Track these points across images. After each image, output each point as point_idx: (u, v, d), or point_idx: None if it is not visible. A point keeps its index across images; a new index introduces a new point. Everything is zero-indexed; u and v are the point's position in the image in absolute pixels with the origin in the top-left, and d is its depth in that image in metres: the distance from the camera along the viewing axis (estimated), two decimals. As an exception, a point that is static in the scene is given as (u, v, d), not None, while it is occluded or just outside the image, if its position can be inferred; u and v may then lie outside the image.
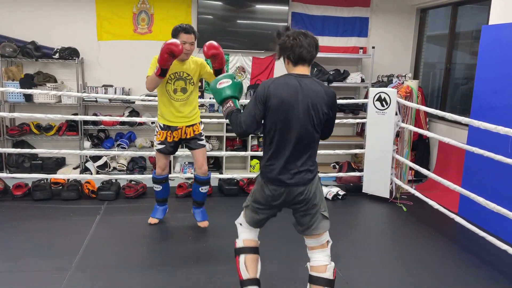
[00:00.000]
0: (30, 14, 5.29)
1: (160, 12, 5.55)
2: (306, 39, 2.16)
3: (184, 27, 3.27)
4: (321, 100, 2.15)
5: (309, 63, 2.21)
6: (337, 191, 4.67)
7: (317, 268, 2.32)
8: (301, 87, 2.14)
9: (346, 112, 5.75)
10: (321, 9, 5.89)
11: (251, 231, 2.48)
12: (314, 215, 2.28)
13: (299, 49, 2.15)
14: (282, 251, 3.36)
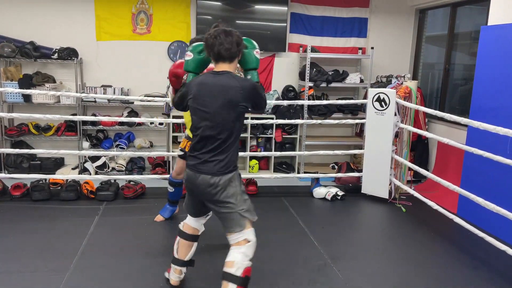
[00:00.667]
0: (29, 14, 5.28)
1: (159, 13, 5.54)
2: (227, 37, 2.27)
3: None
4: (236, 94, 2.27)
5: (230, 60, 2.32)
6: (336, 192, 4.67)
7: (226, 263, 2.34)
8: (215, 84, 2.28)
9: (345, 112, 5.75)
10: (320, 10, 5.89)
11: (191, 218, 2.66)
12: (230, 213, 2.33)
13: (218, 47, 2.27)
14: (280, 251, 3.36)
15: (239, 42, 2.33)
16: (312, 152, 5.08)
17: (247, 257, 2.33)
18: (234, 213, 2.33)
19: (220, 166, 2.31)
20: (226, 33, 2.28)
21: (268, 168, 5.75)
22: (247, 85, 2.31)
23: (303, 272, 3.06)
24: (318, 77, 5.66)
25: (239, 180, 2.42)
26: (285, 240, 3.58)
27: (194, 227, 2.65)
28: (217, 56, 2.30)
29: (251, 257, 2.36)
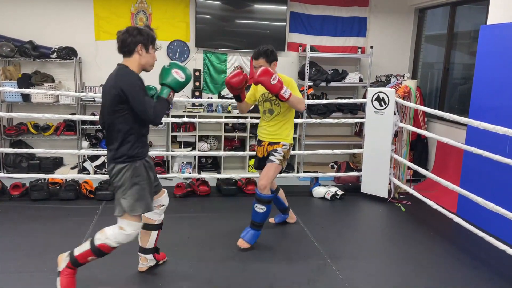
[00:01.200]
0: (27, 13, 5.27)
1: (158, 12, 5.53)
2: (122, 34, 2.49)
3: (253, 53, 3.33)
4: (110, 84, 2.43)
5: (125, 54, 2.51)
6: (335, 191, 4.67)
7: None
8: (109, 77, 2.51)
9: (344, 112, 5.75)
10: (320, 9, 5.88)
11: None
12: (116, 198, 2.53)
13: (117, 44, 2.51)
14: (280, 251, 3.36)
15: (122, 39, 2.50)
16: (312, 151, 5.08)
17: (114, 239, 2.48)
18: (119, 199, 2.52)
19: (112, 156, 2.51)
20: (123, 31, 2.51)
21: (267, 167, 5.73)
22: (119, 74, 2.46)
23: (303, 271, 3.06)
24: (317, 77, 5.66)
25: (133, 173, 2.49)
26: (285, 239, 3.58)
27: (147, 216, 2.78)
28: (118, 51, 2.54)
29: (118, 243, 2.50)
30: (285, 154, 3.39)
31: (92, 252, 2.50)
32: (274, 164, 3.32)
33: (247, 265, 3.12)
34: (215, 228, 3.76)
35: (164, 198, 2.87)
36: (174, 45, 5.61)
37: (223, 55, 5.74)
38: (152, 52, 2.59)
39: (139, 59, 2.52)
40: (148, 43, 2.54)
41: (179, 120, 4.78)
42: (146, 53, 2.53)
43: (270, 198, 3.32)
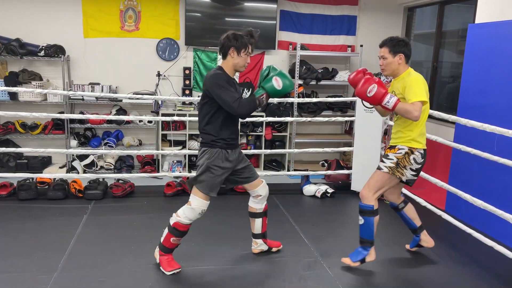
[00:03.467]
0: (14, 10, 5.19)
1: (148, 10, 5.50)
2: (222, 39, 2.89)
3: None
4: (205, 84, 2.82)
5: (222, 56, 2.86)
6: (325, 189, 4.69)
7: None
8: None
9: (334, 110, 5.77)
10: (310, 7, 5.89)
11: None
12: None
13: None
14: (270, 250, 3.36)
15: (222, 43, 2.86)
16: (302, 149, 5.09)
17: (185, 216, 2.83)
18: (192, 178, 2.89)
19: (201, 140, 2.91)
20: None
21: (258, 165, 5.75)
22: (206, 76, 2.85)
23: (294, 269, 3.07)
24: (307, 75, 5.67)
25: (211, 155, 2.83)
26: (275, 237, 3.57)
27: (249, 205, 3.21)
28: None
29: (187, 218, 2.83)
30: (399, 161, 2.90)
31: (170, 233, 2.86)
32: (378, 172, 2.99)
33: (238, 264, 3.12)
34: (205, 227, 3.74)
35: (260, 188, 3.11)
36: (163, 43, 5.57)
37: (213, 53, 5.72)
38: (243, 55, 2.80)
39: (232, 61, 2.81)
40: (240, 47, 2.78)
41: (169, 119, 4.75)
42: (237, 56, 2.79)
43: (368, 209, 2.96)
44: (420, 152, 2.93)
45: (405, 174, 2.92)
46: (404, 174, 2.92)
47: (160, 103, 5.46)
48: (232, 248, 3.33)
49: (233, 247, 3.35)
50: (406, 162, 2.90)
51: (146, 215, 3.97)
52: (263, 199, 3.17)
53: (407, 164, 2.91)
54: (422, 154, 2.93)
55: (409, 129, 2.93)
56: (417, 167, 2.93)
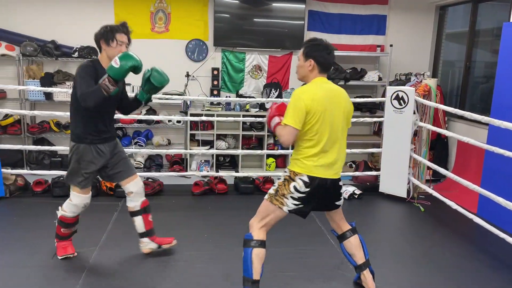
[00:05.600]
0: (50, 13, 5.38)
1: (177, 11, 5.59)
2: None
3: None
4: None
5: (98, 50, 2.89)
6: (353, 190, 4.64)
7: None
8: None
9: (363, 111, 5.70)
10: (338, 7, 5.84)
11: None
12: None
13: None
14: (296, 250, 3.36)
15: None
16: (329, 150, 5.05)
17: (70, 211, 2.94)
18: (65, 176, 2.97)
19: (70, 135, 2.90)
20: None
21: (285, 166, 5.75)
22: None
23: (319, 269, 3.06)
24: (335, 75, 5.63)
25: (79, 150, 2.83)
26: (301, 238, 3.58)
27: (127, 205, 3.12)
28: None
29: (74, 213, 2.95)
30: (279, 187, 2.48)
31: (59, 224, 2.99)
32: (264, 200, 2.55)
33: (267, 264, 3.12)
34: (232, 226, 3.78)
35: (131, 185, 3.03)
36: (192, 44, 5.65)
37: (241, 53, 5.76)
38: (115, 45, 2.76)
39: (105, 53, 2.80)
40: (108, 38, 2.75)
41: (197, 119, 4.82)
42: (108, 47, 2.77)
43: (246, 238, 2.52)
44: (302, 180, 2.41)
45: (285, 204, 2.45)
46: (284, 203, 2.45)
47: (189, 103, 5.54)
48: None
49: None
50: (285, 190, 2.45)
51: (174, 213, 4.04)
52: (137, 196, 3.05)
53: (286, 192, 2.45)
54: (306, 182, 2.41)
55: (296, 148, 2.49)
56: (301, 196, 2.43)
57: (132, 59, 2.63)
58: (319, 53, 2.43)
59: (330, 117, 2.40)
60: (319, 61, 2.43)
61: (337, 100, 2.44)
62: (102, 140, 2.89)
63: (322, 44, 2.45)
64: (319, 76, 2.46)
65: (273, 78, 5.83)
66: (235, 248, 3.32)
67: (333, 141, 2.44)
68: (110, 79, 2.59)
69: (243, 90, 5.79)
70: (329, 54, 2.45)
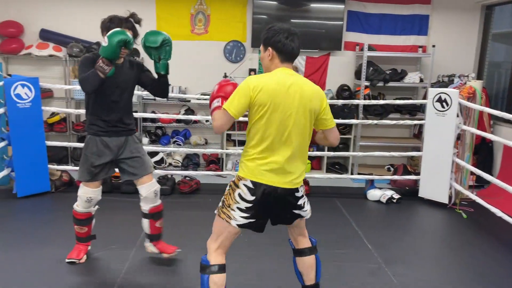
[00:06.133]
0: (94, 16, 5.55)
1: (217, 13, 5.66)
2: None
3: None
4: None
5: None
6: (391, 195, 4.54)
7: None
8: None
9: (402, 113, 5.56)
10: (378, 7, 5.73)
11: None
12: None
13: None
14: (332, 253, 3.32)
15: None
16: (367, 153, 4.97)
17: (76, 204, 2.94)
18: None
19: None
20: None
21: (320, 168, 5.70)
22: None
23: (356, 274, 3.01)
24: (374, 76, 5.52)
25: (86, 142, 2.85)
26: (337, 241, 3.53)
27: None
28: None
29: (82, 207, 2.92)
30: (224, 198, 2.18)
31: (73, 221, 2.99)
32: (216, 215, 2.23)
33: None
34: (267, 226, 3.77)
35: (142, 187, 2.91)
36: (230, 45, 5.71)
37: (279, 55, 5.75)
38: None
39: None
40: (104, 31, 2.81)
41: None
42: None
43: (201, 263, 2.18)
44: (246, 185, 2.08)
45: (233, 217, 2.10)
46: (231, 216, 2.11)
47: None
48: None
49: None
50: (231, 199, 2.13)
51: (211, 212, 4.07)
52: (146, 201, 2.93)
53: (231, 202, 2.12)
54: (250, 188, 2.07)
55: (245, 148, 2.16)
56: (248, 206, 2.08)
57: (119, 34, 2.58)
58: (276, 38, 2.07)
59: (282, 114, 2.03)
60: (278, 47, 2.08)
61: (297, 96, 2.05)
62: (109, 133, 2.80)
63: (282, 28, 2.10)
64: (280, 67, 2.11)
65: (310, 79, 5.75)
66: (270, 248, 3.33)
67: (284, 142, 2.06)
68: (104, 59, 2.57)
69: (280, 91, 5.78)
70: (288, 38, 2.08)
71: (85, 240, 3.04)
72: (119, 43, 2.55)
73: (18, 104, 4.16)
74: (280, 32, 2.09)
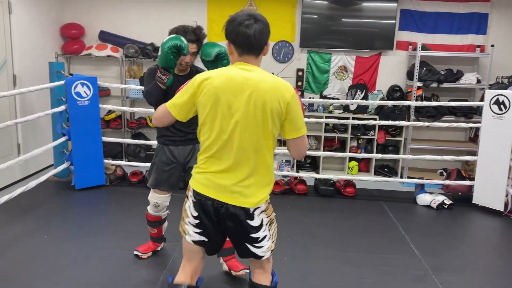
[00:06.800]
0: (149, 17, 5.81)
1: (266, 13, 5.63)
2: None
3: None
4: None
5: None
6: (443, 200, 4.37)
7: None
8: None
9: (457, 115, 5.33)
10: (434, 5, 5.52)
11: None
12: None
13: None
14: (377, 257, 3.25)
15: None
16: (418, 156, 4.82)
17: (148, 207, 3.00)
18: None
19: None
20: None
21: (368, 170, 5.59)
22: None
23: (402, 280, 2.93)
24: (428, 77, 5.33)
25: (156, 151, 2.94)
26: (382, 245, 3.46)
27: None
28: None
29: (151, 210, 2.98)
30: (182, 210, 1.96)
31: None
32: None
33: (340, 268, 3.08)
34: (310, 226, 3.78)
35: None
36: (279, 45, 5.73)
37: (327, 54, 5.71)
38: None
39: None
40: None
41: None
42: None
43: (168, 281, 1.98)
44: (191, 196, 1.87)
45: (187, 232, 1.88)
46: (186, 231, 1.89)
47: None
48: (338, 252, 3.30)
49: (339, 250, 3.32)
50: (184, 212, 1.92)
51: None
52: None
53: (184, 214, 1.92)
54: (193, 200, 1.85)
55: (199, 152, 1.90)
56: (196, 222, 1.84)
57: (170, 39, 2.50)
58: (230, 27, 1.79)
59: (227, 117, 1.75)
60: (232, 38, 1.79)
61: (248, 95, 1.73)
62: (176, 143, 2.84)
63: (238, 14, 1.81)
64: (238, 61, 1.81)
65: (359, 79, 5.69)
66: (313, 248, 3.32)
67: (230, 150, 1.76)
68: (161, 69, 2.56)
69: (327, 91, 5.73)
70: (242, 25, 1.74)
71: (156, 240, 3.16)
72: (169, 49, 2.50)
73: (78, 102, 4.43)
74: (233, 20, 1.77)
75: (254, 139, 1.75)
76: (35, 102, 4.91)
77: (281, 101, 1.75)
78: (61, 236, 3.41)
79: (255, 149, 1.76)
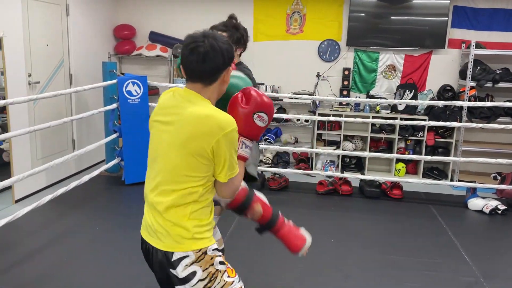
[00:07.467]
0: (196, 17, 5.94)
1: (312, 12, 5.67)
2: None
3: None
4: None
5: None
6: (496, 205, 4.17)
7: None
8: None
9: (513, 117, 5.05)
10: (489, 2, 5.27)
11: None
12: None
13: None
14: (425, 261, 3.16)
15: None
16: (470, 158, 4.61)
17: None
18: None
19: None
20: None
21: (416, 172, 5.42)
22: None
23: (449, 286, 2.83)
24: (482, 76, 5.09)
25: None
26: (430, 250, 3.35)
27: None
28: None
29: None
30: None
31: None
32: None
33: (388, 271, 3.01)
34: (355, 228, 3.72)
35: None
36: (325, 44, 5.68)
37: (375, 53, 5.59)
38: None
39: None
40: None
41: (325, 119, 4.84)
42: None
43: None
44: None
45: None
46: None
47: (318, 103, 5.58)
48: (383, 255, 3.23)
49: (384, 253, 3.25)
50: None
51: (298, 210, 4.13)
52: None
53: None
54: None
55: None
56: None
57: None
58: (182, 52, 1.57)
59: (153, 150, 1.61)
60: (182, 63, 1.57)
61: (172, 126, 1.52)
62: None
63: (189, 37, 1.57)
64: (185, 86, 1.58)
65: (408, 78, 5.53)
66: (357, 250, 3.27)
67: (151, 186, 1.63)
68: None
69: (374, 91, 5.61)
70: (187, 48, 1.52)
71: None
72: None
73: (129, 100, 4.61)
74: (184, 42, 1.56)
75: (173, 178, 1.53)
76: (89, 100, 5.17)
77: (206, 140, 1.47)
78: (112, 227, 3.57)
79: (174, 188, 1.54)
